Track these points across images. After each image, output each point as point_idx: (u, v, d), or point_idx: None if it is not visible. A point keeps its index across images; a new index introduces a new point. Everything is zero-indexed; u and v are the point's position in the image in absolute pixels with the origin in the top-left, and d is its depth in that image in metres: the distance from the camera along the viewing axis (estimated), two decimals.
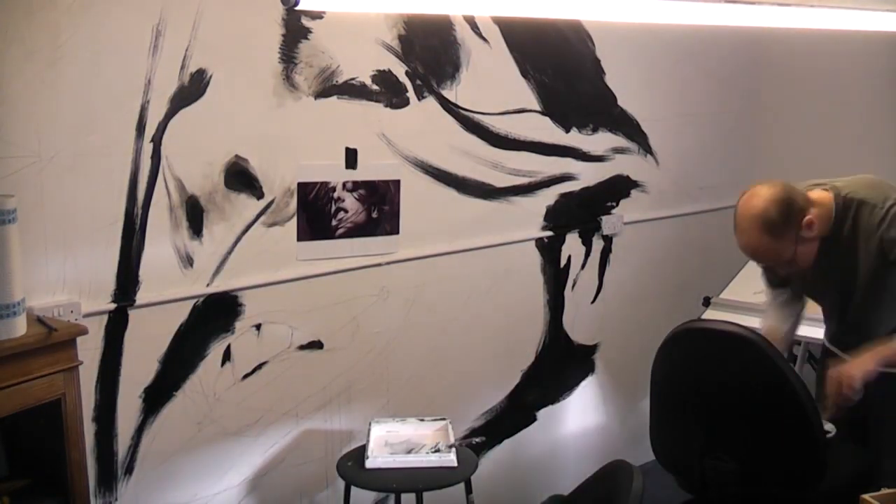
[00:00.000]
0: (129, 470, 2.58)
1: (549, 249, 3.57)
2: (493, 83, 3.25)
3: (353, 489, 2.66)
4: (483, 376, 3.45)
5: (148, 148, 2.50)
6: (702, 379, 2.75)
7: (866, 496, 2.14)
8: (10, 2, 2.22)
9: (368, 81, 2.92)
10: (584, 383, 3.80)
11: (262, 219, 2.76)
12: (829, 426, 2.51)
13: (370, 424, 2.83)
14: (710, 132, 4.12)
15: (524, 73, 3.35)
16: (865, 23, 2.36)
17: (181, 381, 2.66)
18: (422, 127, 3.08)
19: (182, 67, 2.53)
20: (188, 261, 2.62)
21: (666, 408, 2.86)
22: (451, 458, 2.65)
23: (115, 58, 2.40)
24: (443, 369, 3.32)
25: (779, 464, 2.65)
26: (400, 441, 2.77)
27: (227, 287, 2.71)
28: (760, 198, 2.31)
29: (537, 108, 3.41)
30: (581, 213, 3.64)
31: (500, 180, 3.34)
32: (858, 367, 2.32)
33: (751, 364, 2.62)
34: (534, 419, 3.65)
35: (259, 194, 2.74)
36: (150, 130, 2.49)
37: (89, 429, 2.44)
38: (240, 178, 2.69)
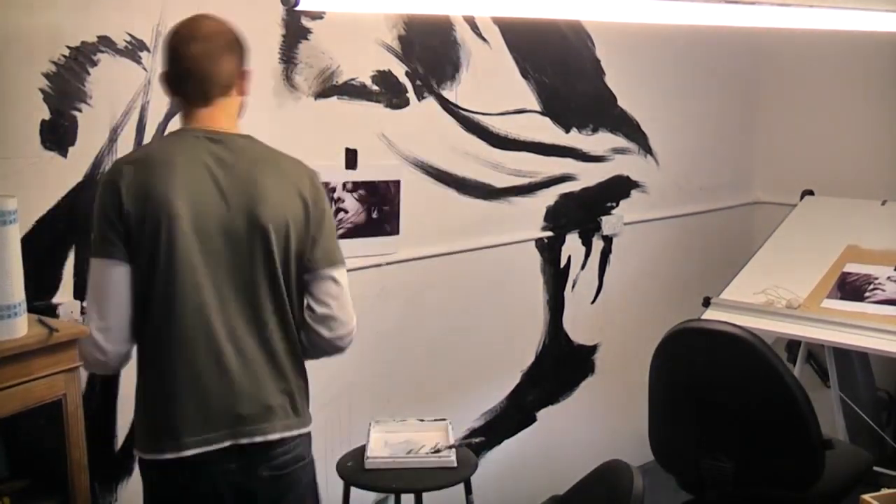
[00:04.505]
0: (129, 470, 2.58)
1: (549, 250, 3.57)
2: (493, 83, 3.25)
3: (353, 489, 2.66)
4: (483, 376, 3.45)
5: None
6: (699, 379, 2.75)
7: (866, 496, 2.14)
8: (10, 2, 2.22)
9: (368, 82, 2.92)
10: (583, 384, 3.80)
11: None
12: None
13: (370, 425, 2.83)
14: (710, 132, 4.12)
15: (524, 74, 3.35)
16: (865, 23, 2.36)
17: None
18: (422, 127, 3.08)
19: None
20: None
21: (664, 408, 2.87)
22: (450, 459, 2.65)
23: (115, 58, 2.40)
24: (443, 369, 3.32)
25: (776, 464, 2.65)
26: (400, 441, 2.77)
27: None
28: None
29: (537, 108, 3.41)
30: (581, 213, 3.64)
31: (500, 181, 3.34)
32: None
33: (747, 364, 2.62)
34: (533, 420, 3.65)
35: None
36: (150, 131, 2.49)
37: (89, 429, 2.44)
38: None
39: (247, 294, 1.95)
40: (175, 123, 2.52)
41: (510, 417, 3.56)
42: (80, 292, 2.42)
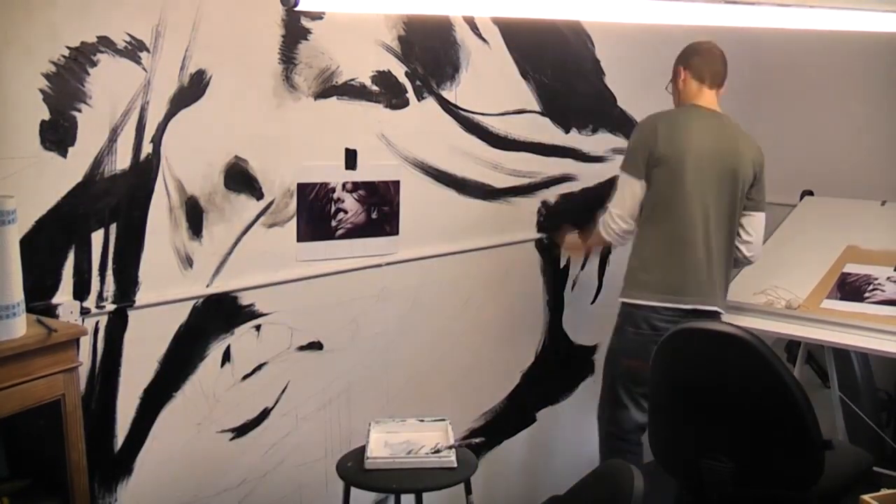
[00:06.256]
0: (128, 470, 2.58)
1: (549, 250, 3.57)
2: (492, 84, 3.25)
3: (353, 490, 2.66)
4: (483, 377, 3.45)
5: (148, 148, 2.50)
6: (698, 379, 2.75)
7: (866, 496, 2.15)
8: (10, 2, 2.22)
9: (368, 82, 2.92)
10: (583, 384, 3.80)
11: (261, 219, 2.76)
12: None
13: (370, 425, 2.82)
14: None
15: (524, 74, 3.35)
16: (865, 23, 2.35)
17: (181, 381, 2.66)
18: (422, 128, 3.08)
19: (182, 68, 2.53)
20: (188, 261, 2.62)
21: (664, 408, 2.87)
22: (450, 459, 2.65)
23: (115, 58, 2.40)
24: (443, 370, 3.31)
25: (776, 464, 2.65)
26: (400, 442, 2.77)
27: (227, 288, 2.71)
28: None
29: (537, 108, 3.41)
30: (581, 213, 3.64)
31: (500, 181, 3.34)
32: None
33: (746, 364, 2.62)
34: (533, 420, 3.65)
35: (259, 195, 2.74)
36: (149, 131, 2.49)
37: (89, 430, 2.44)
38: (239, 178, 2.69)
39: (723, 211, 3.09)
40: (177, 123, 2.53)
41: (510, 417, 3.56)
42: (79, 292, 2.42)
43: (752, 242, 3.16)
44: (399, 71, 3.00)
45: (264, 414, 2.86)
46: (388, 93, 2.98)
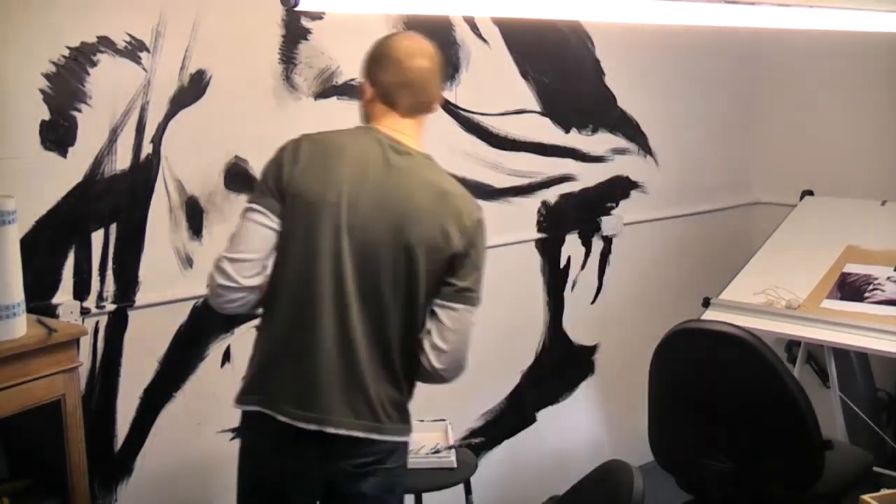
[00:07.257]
0: (128, 470, 2.58)
1: (549, 250, 3.57)
2: (492, 84, 3.25)
3: None
4: (483, 377, 3.44)
5: (148, 148, 2.50)
6: (698, 379, 2.75)
7: (866, 496, 2.14)
8: (10, 2, 2.22)
9: None
10: (583, 384, 3.80)
11: None
12: None
13: None
14: (709, 132, 4.12)
15: (524, 74, 3.35)
16: (865, 23, 2.36)
17: (181, 381, 2.66)
18: None
19: (182, 68, 2.53)
20: (188, 261, 2.62)
21: (664, 408, 2.87)
22: (450, 459, 2.65)
23: (115, 58, 2.40)
24: None
25: (776, 464, 2.65)
26: None
27: None
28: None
29: (537, 108, 3.41)
30: (581, 213, 3.63)
31: (500, 181, 3.34)
32: None
33: (746, 365, 2.62)
34: (533, 420, 3.65)
35: None
36: (149, 131, 2.49)
37: (89, 430, 2.44)
38: (239, 178, 2.69)
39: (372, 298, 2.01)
40: (177, 123, 2.53)
41: (510, 418, 3.56)
42: (79, 292, 2.42)
43: (443, 349, 2.08)
44: None
45: None
46: None
